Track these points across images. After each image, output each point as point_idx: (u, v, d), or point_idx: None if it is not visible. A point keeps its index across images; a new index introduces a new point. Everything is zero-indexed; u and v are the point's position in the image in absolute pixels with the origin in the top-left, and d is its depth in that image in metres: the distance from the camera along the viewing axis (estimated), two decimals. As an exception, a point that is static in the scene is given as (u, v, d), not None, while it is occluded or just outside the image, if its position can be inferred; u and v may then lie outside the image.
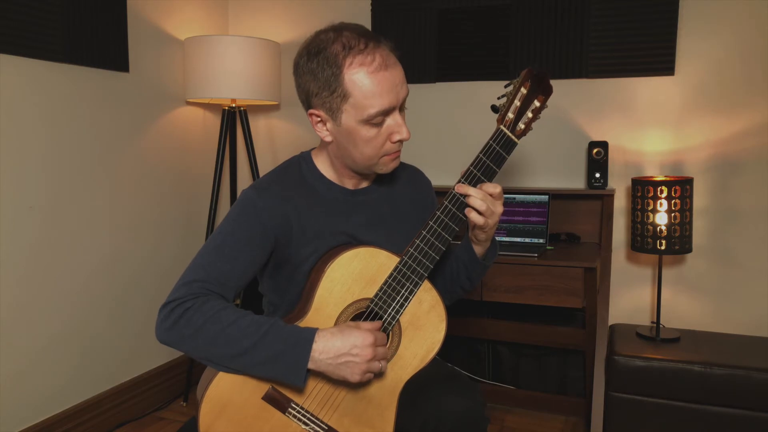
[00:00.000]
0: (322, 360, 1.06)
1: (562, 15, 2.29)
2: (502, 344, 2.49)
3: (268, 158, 2.82)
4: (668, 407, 1.94)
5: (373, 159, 1.16)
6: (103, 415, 2.21)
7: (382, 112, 1.10)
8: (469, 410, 1.18)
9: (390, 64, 1.10)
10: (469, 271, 1.28)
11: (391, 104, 1.11)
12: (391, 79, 1.10)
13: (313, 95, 1.13)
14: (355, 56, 1.08)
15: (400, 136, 1.14)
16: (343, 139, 1.15)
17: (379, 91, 1.09)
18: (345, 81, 1.08)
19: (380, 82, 1.08)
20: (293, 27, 2.71)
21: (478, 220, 1.14)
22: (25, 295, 1.93)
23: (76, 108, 2.06)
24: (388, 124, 1.13)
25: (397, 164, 1.21)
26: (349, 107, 1.10)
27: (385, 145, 1.15)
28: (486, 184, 1.15)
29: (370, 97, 1.08)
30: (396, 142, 1.15)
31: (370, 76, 1.08)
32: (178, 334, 1.07)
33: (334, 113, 1.12)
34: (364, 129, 1.12)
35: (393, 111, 1.12)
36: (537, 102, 1.17)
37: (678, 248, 2.00)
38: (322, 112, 1.14)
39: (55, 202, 2.01)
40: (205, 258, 1.13)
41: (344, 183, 1.25)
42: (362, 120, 1.10)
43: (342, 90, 1.09)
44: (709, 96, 2.18)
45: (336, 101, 1.10)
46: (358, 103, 1.09)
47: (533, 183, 2.42)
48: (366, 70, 1.08)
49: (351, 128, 1.12)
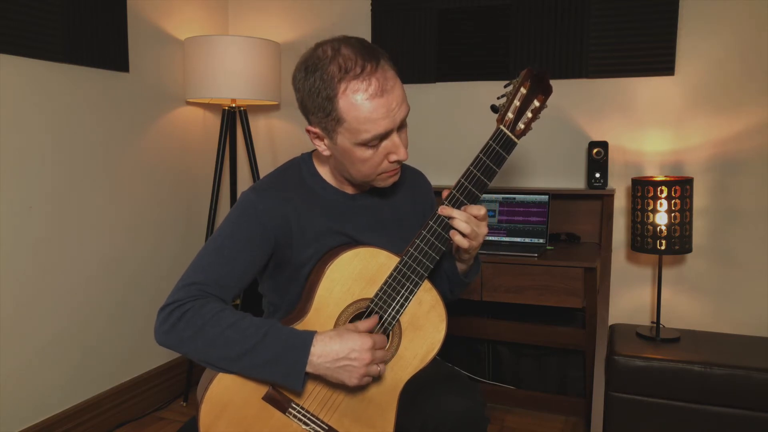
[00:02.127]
0: (320, 364, 1.06)
1: (562, 15, 2.29)
2: (502, 344, 2.49)
3: (268, 158, 2.82)
4: (668, 407, 1.94)
5: (370, 177, 1.16)
6: (103, 415, 2.21)
7: (378, 137, 1.09)
8: (469, 410, 1.18)
9: (387, 89, 1.07)
10: (452, 284, 1.30)
11: (387, 129, 1.09)
12: (387, 105, 1.07)
13: (310, 113, 1.13)
14: (350, 81, 1.05)
15: (396, 157, 1.13)
16: (339, 156, 1.15)
17: (374, 117, 1.06)
18: (339, 106, 1.06)
19: (375, 109, 1.06)
20: (293, 27, 2.71)
21: (462, 243, 1.15)
22: (26, 295, 1.94)
23: (76, 108, 2.06)
24: (385, 144, 1.11)
25: (397, 179, 1.20)
26: (344, 131, 1.09)
27: (382, 164, 1.14)
28: (470, 206, 1.15)
29: (364, 123, 1.07)
30: (393, 162, 1.14)
31: (366, 102, 1.05)
32: (176, 336, 1.06)
33: (329, 133, 1.12)
34: (360, 150, 1.11)
35: (390, 134, 1.11)
36: (537, 102, 1.17)
37: (678, 248, 2.00)
38: (318, 129, 1.14)
39: (55, 202, 2.01)
40: (204, 260, 1.13)
41: (344, 188, 1.25)
42: (357, 143, 1.09)
43: (336, 114, 1.07)
44: (709, 96, 2.18)
45: (331, 124, 1.09)
46: (352, 128, 1.08)
47: (533, 183, 2.42)
48: (361, 97, 1.05)
49: (347, 148, 1.11)
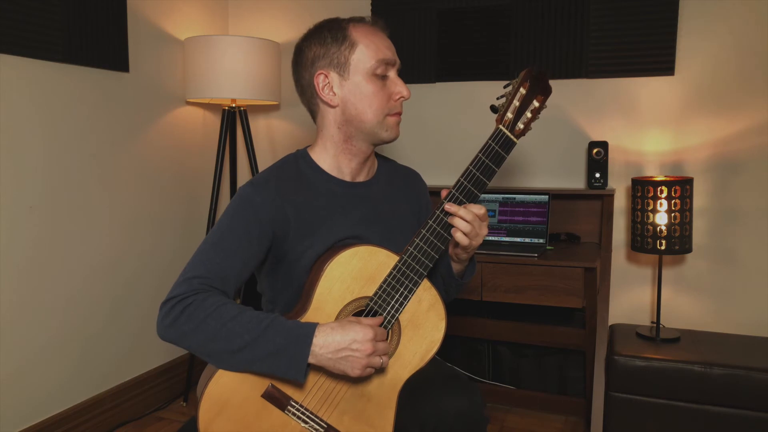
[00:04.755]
0: (323, 354, 1.06)
1: (562, 15, 2.30)
2: (502, 344, 2.49)
3: (268, 158, 2.82)
4: (668, 407, 1.94)
5: (379, 116, 1.22)
6: (103, 415, 2.21)
7: (387, 61, 1.21)
8: (468, 410, 1.18)
9: (387, 34, 1.26)
10: (447, 285, 1.32)
11: (393, 56, 1.23)
12: (388, 42, 1.24)
13: (320, 57, 1.21)
14: (357, 23, 1.23)
15: (401, 94, 1.23)
16: (351, 96, 1.21)
17: (381, 44, 1.22)
18: (352, 34, 1.20)
19: (381, 39, 1.23)
20: (293, 27, 2.71)
21: (463, 240, 1.17)
22: (25, 295, 1.94)
23: (76, 108, 2.06)
24: (390, 81, 1.23)
25: (398, 133, 1.27)
26: (357, 57, 1.19)
27: (389, 103, 1.23)
28: (471, 205, 1.16)
29: (374, 46, 1.20)
30: (398, 99, 1.23)
31: (373, 32, 1.22)
32: (179, 330, 1.07)
33: (342, 68, 1.20)
34: (371, 83, 1.20)
35: (393, 67, 1.24)
36: (536, 102, 1.18)
37: (678, 248, 2.00)
38: (330, 70, 1.21)
39: (55, 202, 2.02)
40: (204, 254, 1.14)
41: (343, 174, 1.26)
42: (369, 69, 1.19)
43: (350, 41, 1.20)
44: (709, 96, 2.18)
45: (344, 53, 1.20)
46: (364, 50, 1.19)
47: (533, 183, 2.43)
48: (368, 28, 1.23)
49: (358, 82, 1.20)
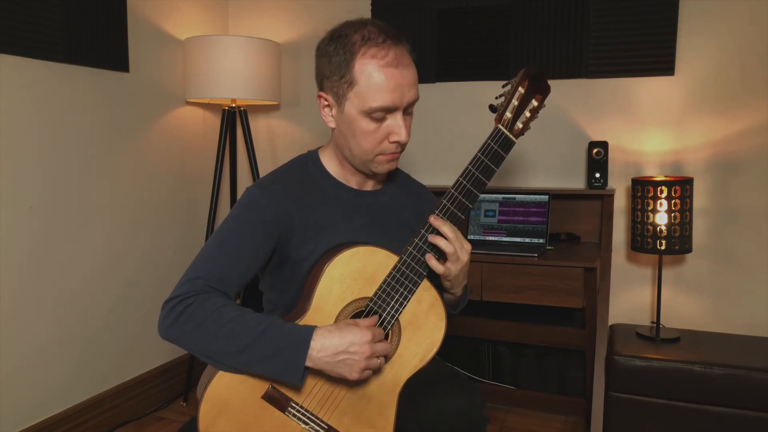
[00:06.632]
0: (320, 358, 1.05)
1: (562, 15, 2.29)
2: (502, 344, 2.49)
3: (268, 158, 2.82)
4: (668, 407, 1.94)
5: (368, 154, 1.17)
6: (103, 415, 2.21)
7: (384, 109, 1.12)
8: (468, 410, 1.18)
9: (403, 65, 1.12)
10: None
11: (394, 103, 1.11)
12: (399, 79, 1.11)
13: (325, 78, 1.16)
14: (369, 47, 1.10)
15: (397, 138, 1.14)
16: (344, 127, 1.17)
17: (384, 86, 1.10)
18: (354, 68, 1.11)
19: (387, 79, 1.10)
20: (293, 27, 2.71)
21: (438, 268, 1.15)
22: (25, 295, 1.94)
23: (75, 108, 2.06)
24: (389, 123, 1.14)
25: (393, 167, 1.22)
26: (354, 95, 1.12)
27: (383, 144, 1.16)
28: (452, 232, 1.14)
29: (374, 90, 1.10)
30: (394, 143, 1.15)
31: (380, 69, 1.10)
32: (179, 330, 1.07)
33: (339, 99, 1.15)
34: (364, 121, 1.13)
35: (396, 111, 1.13)
36: (535, 101, 1.18)
37: (678, 248, 2.00)
38: (329, 96, 1.17)
39: (55, 202, 2.02)
40: (208, 255, 1.14)
41: (349, 182, 1.26)
42: (363, 111, 1.12)
43: (350, 77, 1.11)
44: (709, 96, 2.18)
45: (343, 87, 1.13)
46: (362, 92, 1.11)
47: (533, 183, 2.42)
48: (377, 63, 1.10)
49: (352, 117, 1.14)
